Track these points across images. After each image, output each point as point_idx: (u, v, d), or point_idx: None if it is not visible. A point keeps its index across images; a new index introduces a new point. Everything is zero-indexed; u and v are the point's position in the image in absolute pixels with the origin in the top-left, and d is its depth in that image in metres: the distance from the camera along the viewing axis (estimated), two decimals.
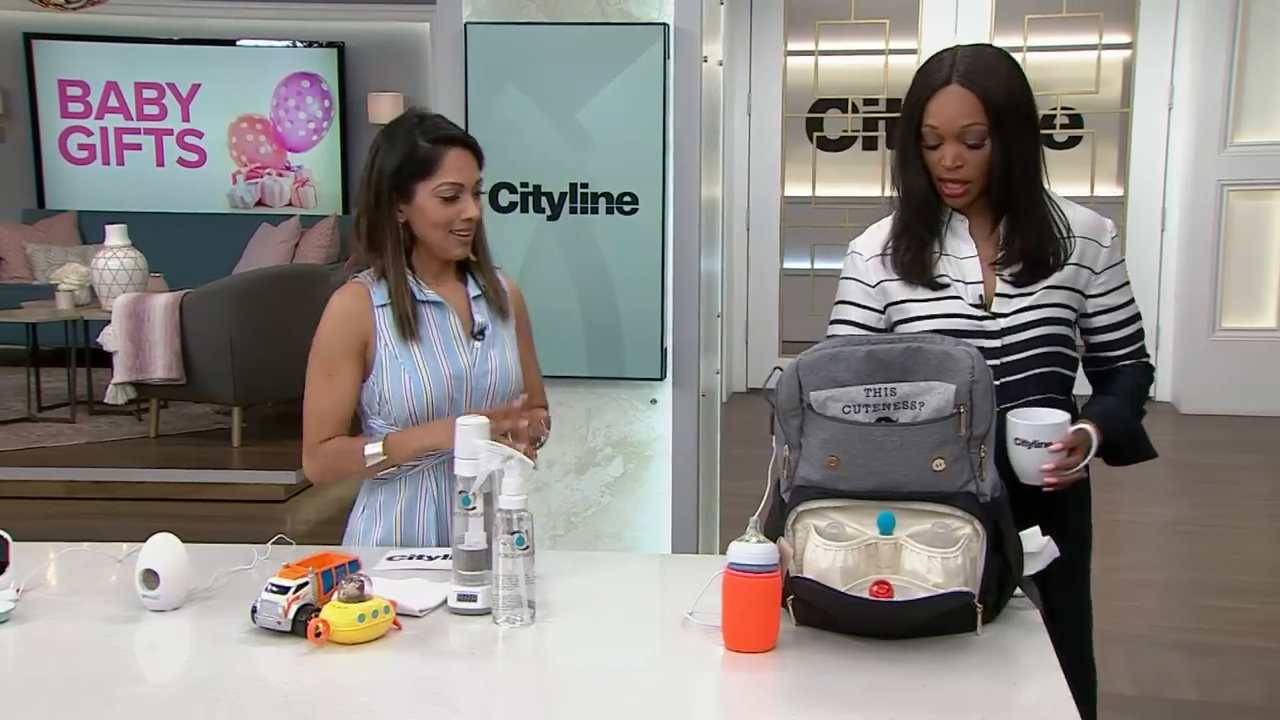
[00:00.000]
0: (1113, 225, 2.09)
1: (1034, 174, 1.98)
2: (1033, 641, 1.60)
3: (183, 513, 5.23)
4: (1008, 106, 1.93)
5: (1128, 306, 2.09)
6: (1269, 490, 5.71)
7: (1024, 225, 1.99)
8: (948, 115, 1.94)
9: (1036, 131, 1.99)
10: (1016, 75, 1.97)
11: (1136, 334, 2.10)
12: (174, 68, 8.63)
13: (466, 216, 2.11)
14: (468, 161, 2.12)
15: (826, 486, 1.62)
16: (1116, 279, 2.06)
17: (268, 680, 1.51)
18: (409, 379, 2.08)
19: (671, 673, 1.54)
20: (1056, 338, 2.01)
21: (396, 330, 2.08)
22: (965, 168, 1.96)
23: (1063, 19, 7.19)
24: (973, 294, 2.00)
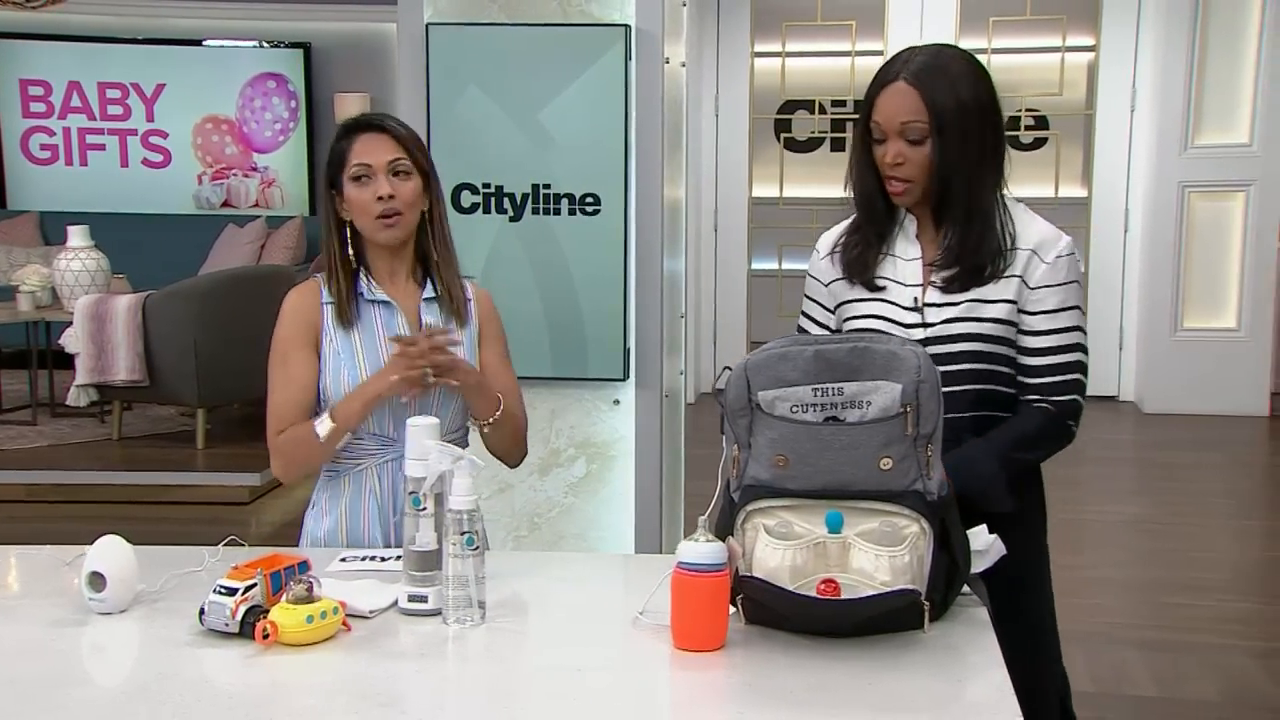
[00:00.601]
0: (1068, 245, 1.96)
1: (980, 179, 1.93)
2: (979, 639, 1.61)
3: (146, 515, 5.19)
4: (952, 106, 1.90)
5: (1058, 334, 1.94)
6: (1229, 489, 5.78)
7: (963, 230, 1.94)
8: (889, 111, 1.93)
9: (991, 136, 1.94)
10: (970, 77, 1.93)
11: (1059, 367, 1.93)
12: (138, 68, 8.56)
13: (379, 195, 2.10)
14: (377, 142, 2.13)
15: (775, 486, 1.63)
16: (1053, 301, 1.93)
17: (213, 682, 1.50)
18: (347, 374, 2.10)
19: (619, 672, 1.54)
20: (991, 355, 1.94)
21: (337, 323, 2.11)
22: (906, 165, 1.94)
23: (1027, 21, 7.25)
24: (907, 297, 1.98)
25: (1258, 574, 4.66)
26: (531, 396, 3.40)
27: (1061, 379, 1.94)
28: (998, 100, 1.96)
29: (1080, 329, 1.97)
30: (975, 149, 1.92)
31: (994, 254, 1.93)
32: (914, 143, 1.93)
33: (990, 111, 1.94)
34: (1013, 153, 2.01)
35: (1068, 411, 1.95)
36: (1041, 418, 1.94)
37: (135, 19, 8.55)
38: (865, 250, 2.02)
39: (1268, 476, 6.24)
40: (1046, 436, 1.96)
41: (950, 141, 1.91)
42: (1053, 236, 1.96)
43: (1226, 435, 6.60)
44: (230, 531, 1.97)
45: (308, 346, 2.11)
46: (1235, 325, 7.07)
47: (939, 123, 1.90)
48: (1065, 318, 1.94)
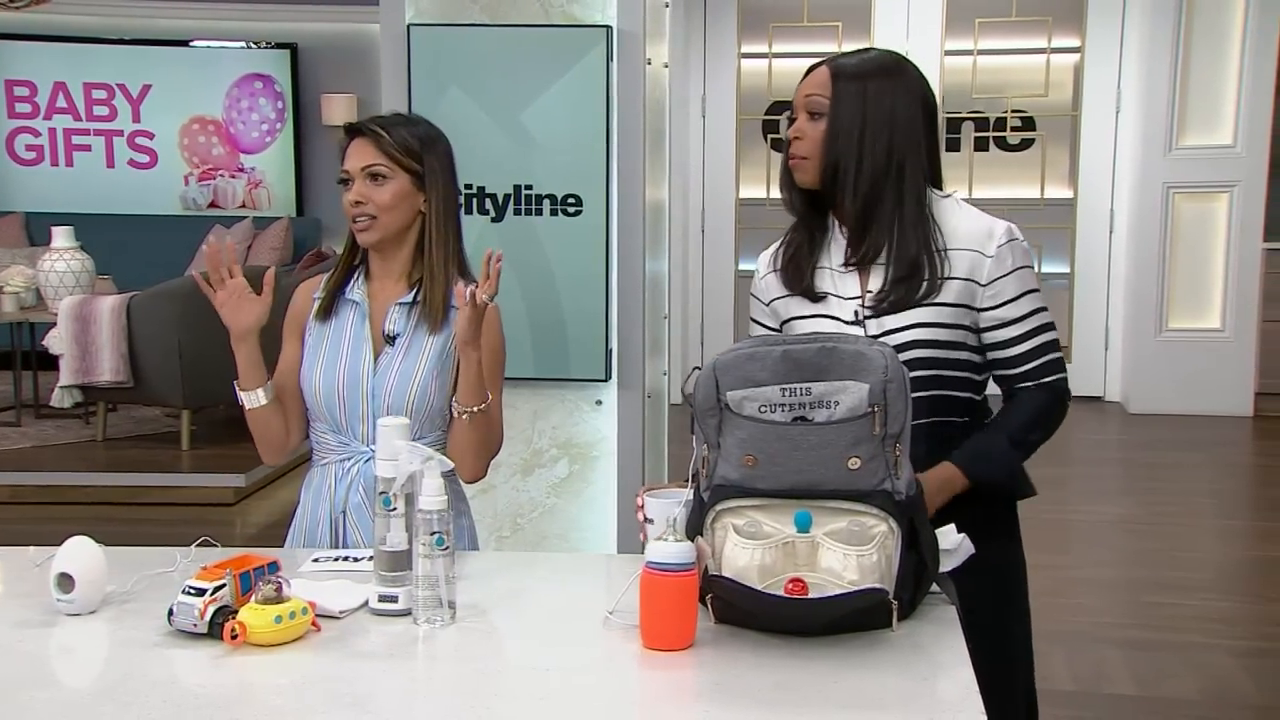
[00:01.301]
0: (1005, 231, 1.94)
1: (884, 174, 1.91)
2: (946, 637, 1.62)
3: (131, 516, 5.19)
4: (855, 88, 1.91)
5: (1025, 320, 1.95)
6: (1213, 488, 5.80)
7: (855, 221, 1.93)
8: (800, 88, 1.97)
9: (906, 136, 1.92)
10: (895, 75, 1.94)
11: (1037, 350, 1.95)
12: (124, 68, 8.55)
13: (350, 200, 2.11)
14: (358, 147, 2.13)
15: (745, 485, 1.63)
16: (1010, 290, 1.93)
17: (181, 682, 1.50)
18: (307, 368, 2.16)
19: (587, 672, 1.54)
20: (940, 360, 1.93)
21: (316, 316, 2.18)
22: (805, 140, 1.95)
23: (1013, 23, 7.27)
24: (848, 310, 1.96)
25: (1241, 573, 4.68)
26: (514, 397, 3.42)
27: (1045, 359, 1.96)
28: (928, 104, 1.96)
29: (1045, 309, 1.97)
30: (880, 138, 1.90)
31: (924, 264, 1.92)
32: (814, 117, 1.94)
33: (906, 112, 1.92)
34: (1001, 155, 2.01)
35: (1060, 389, 1.97)
36: (1040, 398, 1.96)
37: (121, 19, 8.54)
38: (797, 254, 2.02)
39: (1252, 476, 6.26)
40: (1048, 415, 1.97)
41: (844, 116, 1.91)
42: (986, 229, 1.94)
43: (1211, 435, 6.63)
44: (215, 533, 1.97)
45: (295, 336, 2.19)
46: (1220, 325, 7.10)
47: (836, 98, 1.91)
48: (1028, 301, 1.95)
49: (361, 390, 2.13)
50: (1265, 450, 6.56)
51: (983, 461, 1.92)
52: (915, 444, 1.88)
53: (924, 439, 1.91)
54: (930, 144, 1.97)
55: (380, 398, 2.12)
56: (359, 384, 2.13)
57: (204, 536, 1.88)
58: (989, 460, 1.93)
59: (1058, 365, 1.97)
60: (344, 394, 2.13)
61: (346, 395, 2.13)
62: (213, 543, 1.87)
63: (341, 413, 2.13)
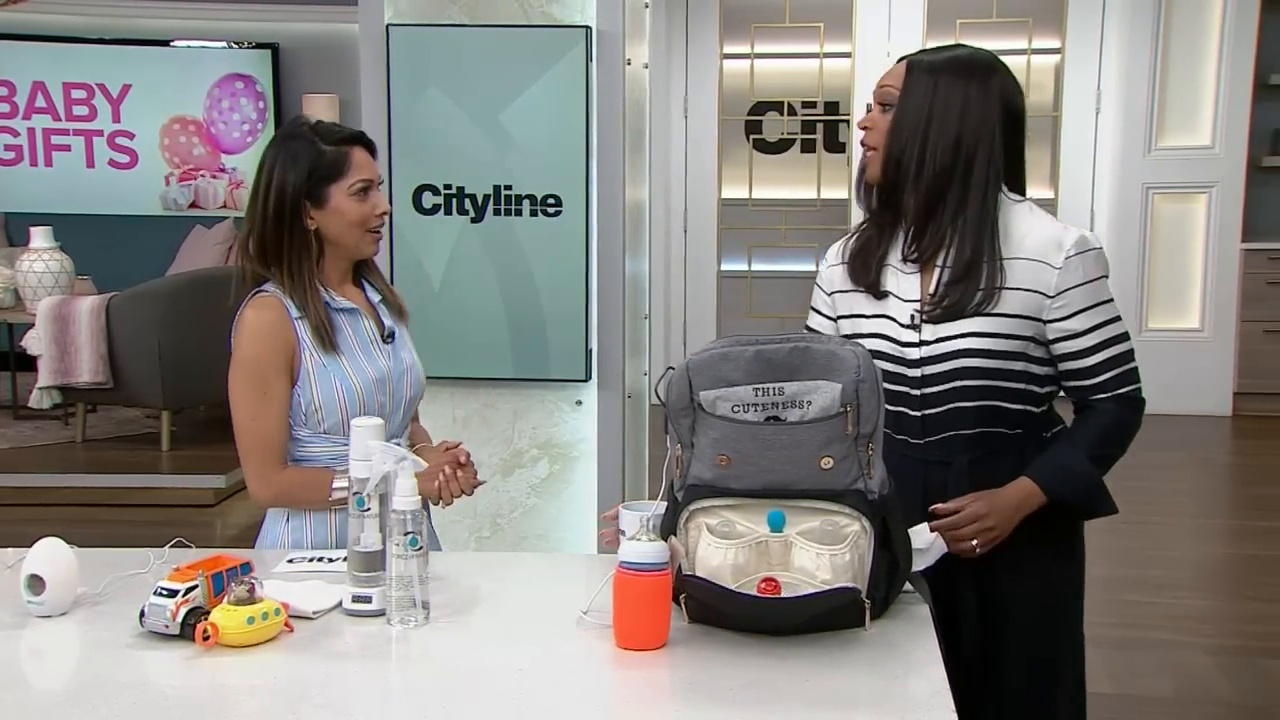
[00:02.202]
0: (1076, 241, 1.87)
1: (948, 175, 1.87)
2: (919, 635, 1.62)
3: (110, 518, 5.17)
4: (925, 78, 1.88)
5: (1097, 331, 1.89)
6: (1191, 487, 5.83)
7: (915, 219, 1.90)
8: (879, 81, 1.94)
9: (980, 140, 1.87)
10: (976, 76, 1.88)
11: (1110, 361, 1.90)
12: (104, 68, 8.50)
13: (381, 211, 2.15)
14: (368, 158, 2.15)
15: (718, 485, 1.64)
16: (1079, 301, 1.87)
17: (152, 684, 1.50)
18: (341, 385, 2.09)
19: (561, 672, 1.54)
20: (992, 371, 1.89)
21: (316, 340, 2.08)
22: (873, 131, 1.93)
23: (994, 24, 7.29)
24: (905, 313, 1.94)
25: (1218, 572, 4.70)
26: (494, 397, 3.42)
27: (1119, 371, 1.91)
28: (1010, 107, 1.90)
29: (1117, 319, 1.92)
30: (945, 133, 1.87)
31: (982, 272, 1.87)
32: (885, 108, 1.92)
33: (978, 110, 1.87)
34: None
35: (1136, 401, 1.93)
36: (1115, 410, 1.91)
37: (101, 19, 8.49)
38: (866, 246, 1.99)
39: (1230, 475, 6.30)
40: (1124, 429, 1.92)
41: (910, 108, 1.88)
42: (1055, 238, 1.88)
43: (1189, 434, 6.66)
44: (195, 534, 1.97)
45: (284, 370, 2.07)
46: (1199, 325, 7.14)
47: (905, 90, 1.89)
48: (1100, 311, 1.89)
49: (389, 387, 2.16)
50: (1243, 449, 6.60)
51: (1063, 478, 1.88)
52: (959, 453, 1.92)
53: (969, 448, 1.91)
54: (1009, 147, 1.91)
55: (403, 388, 2.19)
56: (385, 382, 2.15)
57: (178, 538, 1.87)
58: (1070, 477, 1.89)
59: (1132, 376, 1.92)
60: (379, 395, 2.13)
61: (380, 395, 2.13)
62: (187, 544, 1.86)
63: (377, 415, 2.03)
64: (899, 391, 1.95)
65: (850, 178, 7.49)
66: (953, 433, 1.93)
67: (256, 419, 2.06)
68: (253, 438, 2.07)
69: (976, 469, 1.92)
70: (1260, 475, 5.98)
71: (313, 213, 2.09)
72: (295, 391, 2.08)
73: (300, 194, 2.08)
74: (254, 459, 2.08)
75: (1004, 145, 1.89)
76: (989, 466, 1.92)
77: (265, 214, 2.09)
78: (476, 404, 3.42)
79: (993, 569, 1.93)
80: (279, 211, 2.08)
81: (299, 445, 2.11)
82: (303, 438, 2.11)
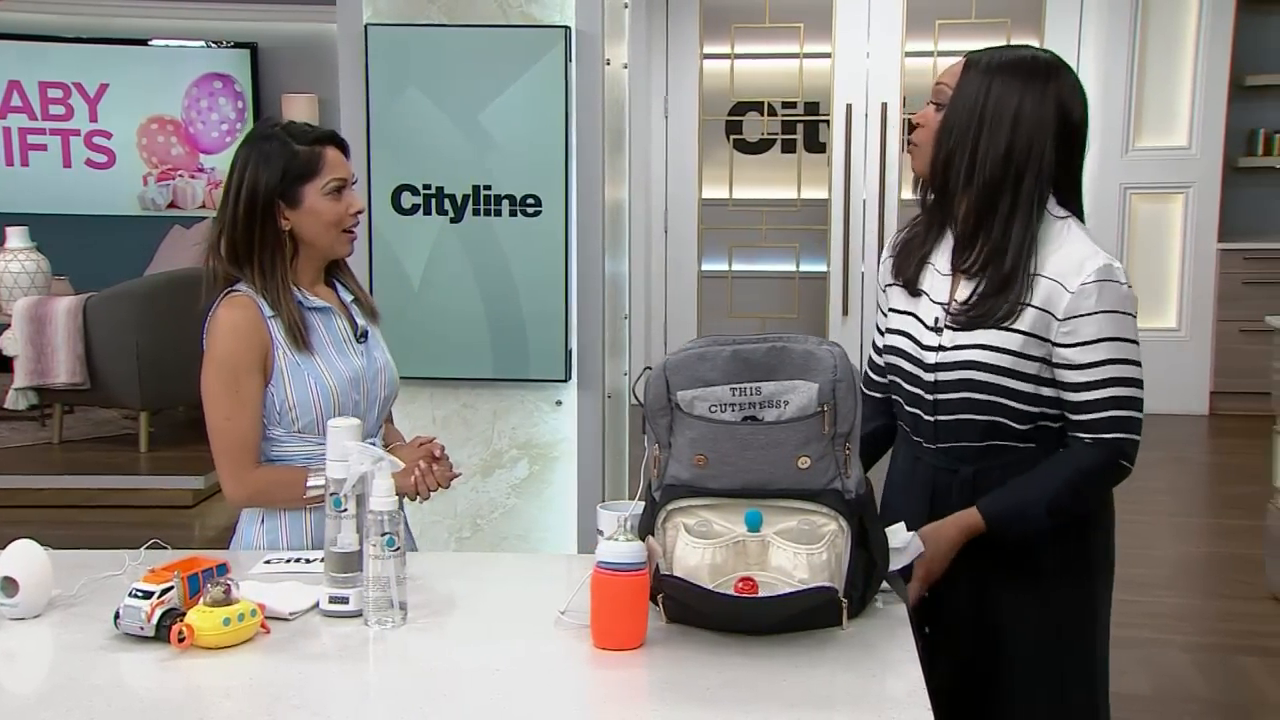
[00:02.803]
0: (1098, 270, 1.79)
1: (1001, 183, 1.81)
2: (895, 635, 1.63)
3: (88, 519, 5.14)
4: (982, 85, 1.82)
5: (1098, 368, 1.79)
6: (1169, 486, 5.87)
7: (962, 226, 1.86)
8: (938, 76, 1.91)
9: (1026, 133, 1.80)
10: (1035, 80, 1.82)
11: (1103, 403, 1.80)
12: (80, 67, 8.44)
13: (355, 210, 2.14)
14: (342, 158, 2.15)
15: (695, 485, 1.64)
16: (1087, 331, 1.79)
17: (127, 686, 1.49)
18: (315, 384, 2.08)
19: (538, 672, 1.55)
20: (998, 387, 1.83)
21: (289, 339, 2.07)
22: (924, 128, 1.89)
23: (973, 24, 7.32)
24: (931, 314, 1.91)
25: (1197, 570, 4.73)
26: (473, 398, 3.42)
27: (1106, 415, 1.81)
28: (1068, 115, 1.84)
29: (1127, 361, 1.81)
30: (997, 137, 1.81)
31: (1012, 283, 1.82)
32: (939, 106, 1.88)
33: (1034, 116, 1.81)
34: None
35: (1119, 449, 1.82)
36: (1090, 456, 1.83)
37: (78, 18, 8.43)
38: (911, 241, 1.97)
39: (1207, 474, 6.34)
40: (1097, 476, 1.85)
41: (961, 108, 1.83)
42: (1078, 261, 1.81)
43: (1167, 434, 6.69)
44: (174, 535, 1.96)
45: (257, 369, 2.06)
46: (1176, 325, 7.18)
47: (959, 89, 1.84)
48: (1107, 348, 1.80)
49: (363, 386, 2.15)
50: (1220, 448, 6.65)
51: (1011, 522, 1.83)
52: (966, 463, 1.87)
53: (976, 459, 1.87)
54: (1062, 156, 1.85)
55: (378, 386, 2.19)
56: (360, 381, 2.15)
57: (153, 539, 1.86)
58: (1019, 521, 1.83)
59: (1125, 425, 1.82)
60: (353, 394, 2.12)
61: (355, 394, 2.13)
62: (163, 545, 1.85)
63: (352, 413, 2.07)
64: (914, 394, 1.93)
65: (830, 178, 7.52)
66: (961, 443, 1.89)
67: (230, 419, 2.05)
68: (227, 438, 2.06)
69: (982, 480, 1.88)
70: (1237, 474, 6.02)
71: (287, 213, 2.09)
72: (269, 391, 2.07)
73: (274, 194, 2.07)
74: (228, 459, 2.07)
75: (1056, 155, 1.83)
76: (997, 480, 1.87)
77: (237, 214, 2.08)
78: (456, 404, 3.42)
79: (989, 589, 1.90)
80: (250, 211, 2.07)
81: (274, 445, 2.11)
82: (277, 437, 2.10)
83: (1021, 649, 1.91)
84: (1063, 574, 1.92)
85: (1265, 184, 7.23)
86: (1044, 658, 1.92)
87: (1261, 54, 7.06)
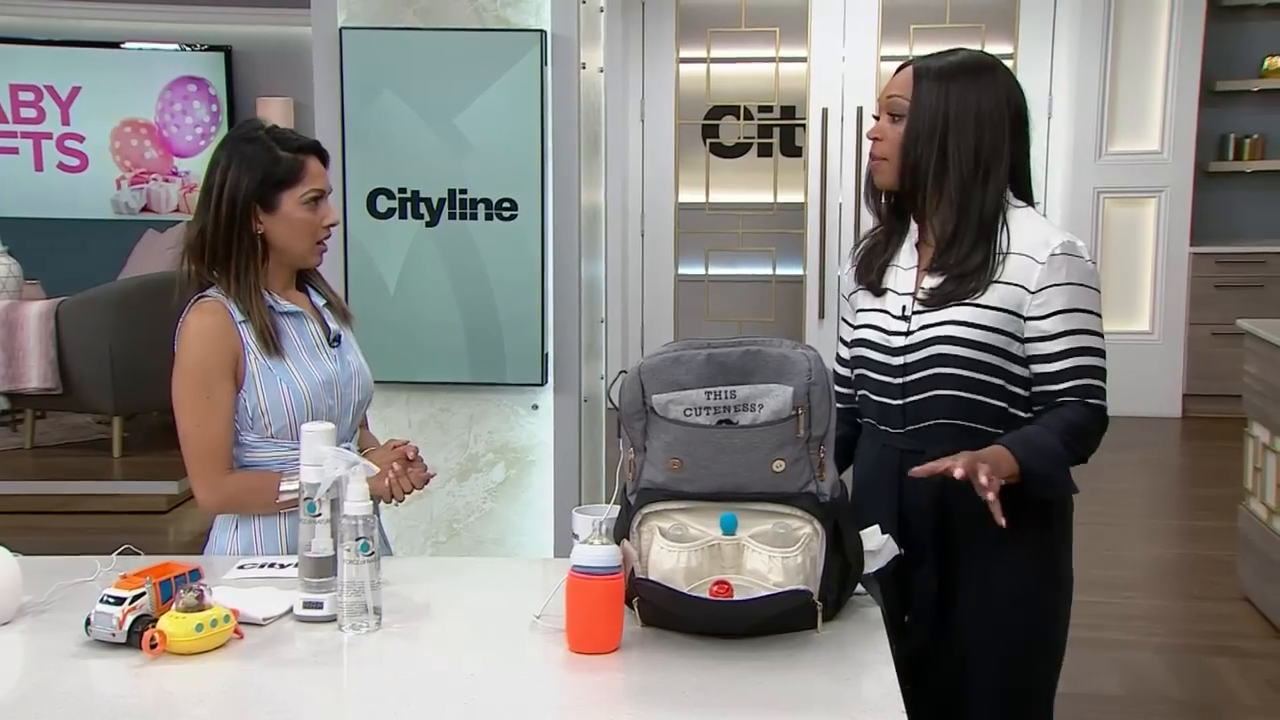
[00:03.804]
0: (1064, 244, 1.87)
1: (968, 178, 1.87)
2: (870, 637, 1.64)
3: (61, 525, 5.09)
4: (937, 91, 1.87)
5: (1069, 337, 1.86)
6: (1142, 488, 5.91)
7: (951, 239, 1.88)
8: (885, 89, 1.95)
9: (989, 139, 1.87)
10: (982, 78, 1.89)
11: (1076, 371, 1.86)
12: (52, 70, 8.37)
13: (329, 222, 2.15)
14: (322, 169, 2.15)
15: (670, 488, 1.64)
16: (1057, 302, 1.85)
17: (98, 693, 1.48)
18: (287, 389, 2.07)
19: (513, 676, 1.54)
20: (967, 361, 1.87)
21: (260, 344, 2.06)
22: (884, 141, 1.93)
23: (947, 29, 7.36)
24: (898, 305, 1.94)
25: (1169, 571, 4.77)
26: (450, 401, 3.41)
27: (1085, 382, 1.87)
28: (1018, 110, 1.91)
29: (1095, 333, 1.88)
30: (963, 144, 1.87)
31: (979, 266, 1.87)
32: (895, 118, 1.91)
33: (992, 115, 1.88)
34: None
35: (1099, 412, 1.88)
36: (1083, 411, 1.86)
37: (49, 20, 8.37)
38: (872, 250, 2.02)
39: (1179, 476, 6.39)
40: (1090, 431, 1.87)
41: (924, 117, 1.88)
42: (1044, 237, 1.88)
43: (1140, 436, 6.74)
44: (148, 541, 1.95)
45: (228, 374, 2.05)
46: (1149, 328, 7.24)
47: (916, 99, 1.89)
48: (1079, 319, 1.86)
49: (337, 390, 2.14)
50: (1193, 450, 6.70)
51: (1037, 452, 1.80)
52: (936, 444, 1.85)
53: (947, 441, 1.85)
54: (1016, 150, 1.92)
55: (352, 391, 2.17)
56: (333, 385, 2.13)
57: (125, 545, 1.85)
58: (1044, 452, 1.81)
59: (1097, 391, 1.88)
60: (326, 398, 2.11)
61: (329, 398, 2.11)
62: (135, 551, 1.84)
63: (325, 418, 2.04)
64: (883, 382, 1.95)
65: (806, 182, 7.54)
66: (931, 421, 1.91)
67: (201, 424, 2.04)
68: (198, 444, 2.05)
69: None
70: (1209, 476, 6.07)
71: (261, 217, 2.08)
72: (241, 396, 2.07)
73: (252, 197, 2.07)
74: (199, 465, 2.06)
75: (1011, 146, 1.91)
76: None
77: (217, 215, 2.07)
78: (432, 408, 3.41)
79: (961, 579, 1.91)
80: (230, 213, 2.07)
81: (247, 450, 2.09)
82: (250, 442, 2.09)
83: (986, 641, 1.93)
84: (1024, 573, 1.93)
85: (1236, 188, 7.30)
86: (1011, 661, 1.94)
87: (1231, 60, 7.13)
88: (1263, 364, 4.09)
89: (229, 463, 2.08)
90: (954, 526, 1.90)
